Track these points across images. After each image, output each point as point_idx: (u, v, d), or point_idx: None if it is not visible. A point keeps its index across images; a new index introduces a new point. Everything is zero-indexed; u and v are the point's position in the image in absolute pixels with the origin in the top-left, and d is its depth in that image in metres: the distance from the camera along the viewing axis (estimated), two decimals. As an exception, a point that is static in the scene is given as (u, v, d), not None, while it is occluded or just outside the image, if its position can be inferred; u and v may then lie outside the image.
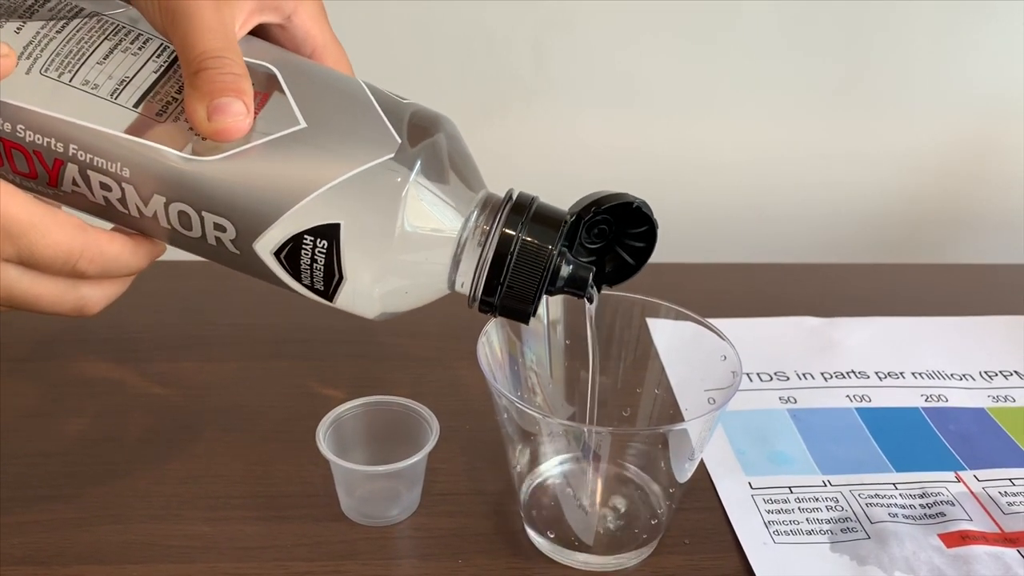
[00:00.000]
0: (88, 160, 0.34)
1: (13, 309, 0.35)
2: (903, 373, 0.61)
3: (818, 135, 0.82)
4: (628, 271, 0.43)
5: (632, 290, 0.44)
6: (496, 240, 0.37)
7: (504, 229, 0.37)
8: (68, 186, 0.35)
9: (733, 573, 0.45)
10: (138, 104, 0.35)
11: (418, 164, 0.35)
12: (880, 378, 0.60)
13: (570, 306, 0.47)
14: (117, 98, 0.35)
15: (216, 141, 0.34)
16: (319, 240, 0.35)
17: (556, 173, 0.80)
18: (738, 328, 0.63)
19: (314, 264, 0.36)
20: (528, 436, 0.45)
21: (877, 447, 0.54)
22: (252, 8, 0.38)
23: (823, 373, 0.60)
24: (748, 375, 0.60)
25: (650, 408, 0.49)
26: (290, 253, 0.36)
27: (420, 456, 0.46)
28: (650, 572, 0.45)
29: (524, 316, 0.39)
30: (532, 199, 0.38)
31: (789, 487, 0.51)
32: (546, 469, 0.48)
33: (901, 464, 0.52)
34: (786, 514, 0.49)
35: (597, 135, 0.81)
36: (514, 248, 0.37)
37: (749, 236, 0.85)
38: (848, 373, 0.60)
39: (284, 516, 0.48)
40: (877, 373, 0.60)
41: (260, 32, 0.39)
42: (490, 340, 0.45)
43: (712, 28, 0.77)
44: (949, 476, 0.52)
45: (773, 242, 0.86)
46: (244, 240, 0.36)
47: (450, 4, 0.74)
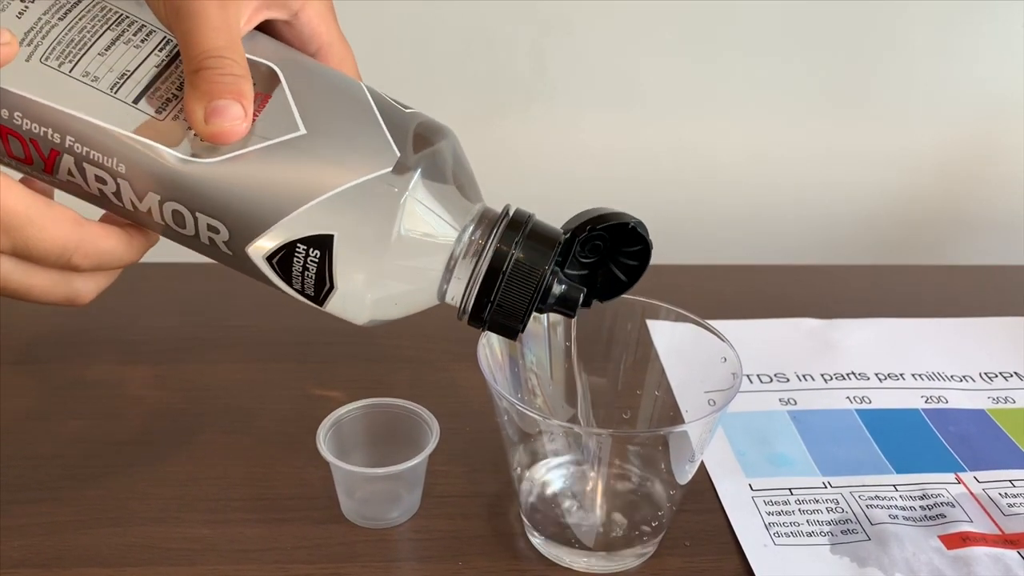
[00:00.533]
0: (84, 153, 0.34)
1: (3, 297, 0.35)
2: (903, 374, 0.61)
3: (818, 136, 0.82)
4: (620, 287, 0.43)
5: (632, 292, 0.43)
6: (490, 256, 0.37)
7: (499, 245, 0.37)
8: (63, 175, 0.35)
9: (733, 575, 0.45)
10: (138, 100, 0.35)
11: (415, 178, 0.35)
12: (880, 379, 0.60)
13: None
14: (117, 92, 0.34)
15: (212, 144, 0.34)
16: (311, 249, 0.35)
17: (555, 175, 0.80)
18: (738, 329, 0.63)
19: (305, 272, 0.36)
20: (528, 438, 0.45)
21: (877, 448, 0.54)
22: (258, 4, 0.37)
23: (823, 374, 0.60)
24: (748, 377, 0.60)
25: (650, 410, 0.49)
26: (282, 259, 0.36)
27: (420, 458, 0.46)
28: (650, 574, 0.45)
29: (512, 333, 0.39)
30: (528, 217, 0.38)
31: (789, 489, 0.51)
32: (546, 471, 0.48)
33: (901, 465, 0.52)
34: (786, 516, 0.49)
35: (596, 137, 0.80)
36: (507, 266, 0.37)
37: (749, 237, 0.85)
38: (848, 374, 0.60)
39: (284, 518, 0.48)
40: (877, 374, 0.60)
41: (266, 28, 0.39)
42: (490, 342, 0.45)
43: (711, 29, 0.77)
44: (949, 477, 0.52)
45: (773, 243, 0.86)
46: (237, 243, 0.36)
47: (450, 5, 0.74)
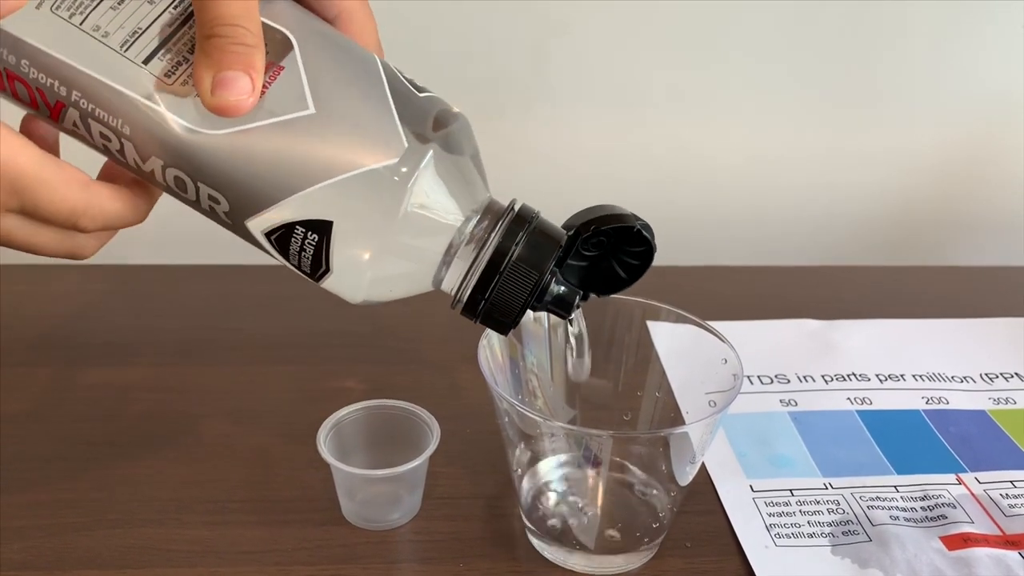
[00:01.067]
0: (90, 110, 0.34)
1: (7, 249, 0.36)
2: (904, 375, 0.61)
3: (818, 137, 0.82)
4: (620, 284, 0.43)
5: (632, 293, 0.44)
6: (492, 250, 0.37)
7: (501, 240, 0.37)
8: (68, 126, 0.35)
9: (734, 576, 0.45)
10: (148, 60, 0.34)
11: (420, 169, 0.35)
12: (881, 380, 0.60)
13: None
14: (127, 51, 0.34)
15: (217, 115, 0.33)
16: (310, 232, 0.35)
17: (555, 176, 0.80)
18: (739, 331, 0.63)
19: (303, 252, 0.36)
20: (529, 439, 0.45)
21: (878, 449, 0.54)
22: None
23: (824, 375, 0.60)
24: (749, 378, 0.60)
25: (651, 411, 0.49)
26: (281, 237, 0.35)
27: (421, 460, 0.46)
28: (651, 575, 0.45)
29: (504, 328, 0.39)
30: (534, 215, 0.38)
31: (790, 490, 0.51)
32: (547, 472, 0.48)
33: (902, 466, 0.52)
34: (787, 517, 0.49)
35: (596, 137, 0.80)
36: (507, 262, 0.37)
37: (749, 238, 0.85)
38: (849, 375, 0.60)
39: (285, 520, 0.48)
40: (878, 375, 0.60)
41: None
42: (491, 343, 0.45)
43: (711, 30, 0.77)
44: (950, 478, 0.52)
45: (773, 244, 0.86)
46: (237, 216, 0.35)
47: (449, 6, 0.74)
